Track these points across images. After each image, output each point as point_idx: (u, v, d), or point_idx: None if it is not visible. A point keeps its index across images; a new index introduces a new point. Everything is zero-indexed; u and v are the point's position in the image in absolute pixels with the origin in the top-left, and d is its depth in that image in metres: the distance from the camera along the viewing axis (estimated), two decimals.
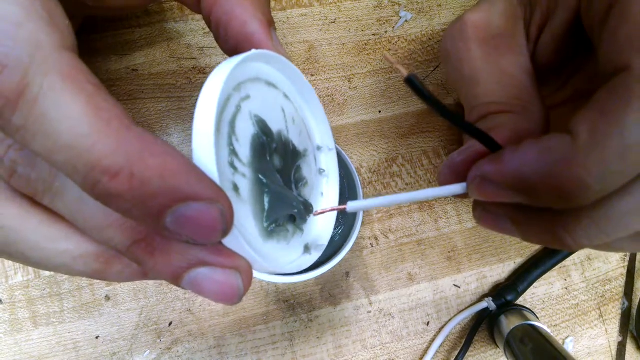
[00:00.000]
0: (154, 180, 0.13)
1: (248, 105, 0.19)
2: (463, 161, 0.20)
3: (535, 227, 0.19)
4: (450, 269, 0.37)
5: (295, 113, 0.24)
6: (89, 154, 0.13)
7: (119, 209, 0.14)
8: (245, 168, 0.19)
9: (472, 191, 0.19)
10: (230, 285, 0.16)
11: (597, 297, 0.39)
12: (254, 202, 0.19)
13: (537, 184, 0.16)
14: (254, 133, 0.20)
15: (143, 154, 0.13)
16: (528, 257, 0.38)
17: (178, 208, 0.14)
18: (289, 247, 0.21)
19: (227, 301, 0.16)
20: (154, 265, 0.16)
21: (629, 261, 0.40)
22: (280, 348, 0.34)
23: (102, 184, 0.13)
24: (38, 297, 0.31)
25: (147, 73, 0.34)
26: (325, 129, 0.26)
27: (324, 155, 0.26)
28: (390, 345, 0.35)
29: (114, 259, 0.18)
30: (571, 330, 0.38)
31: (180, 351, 0.32)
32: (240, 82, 0.19)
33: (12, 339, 0.31)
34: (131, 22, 0.34)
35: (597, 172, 0.15)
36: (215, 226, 0.14)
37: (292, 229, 0.22)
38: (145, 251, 0.16)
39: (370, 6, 0.38)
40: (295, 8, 0.37)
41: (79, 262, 0.18)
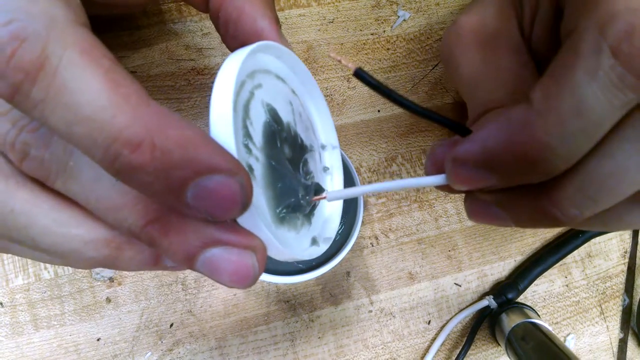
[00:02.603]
0: (175, 151, 0.13)
1: (260, 93, 0.20)
2: (443, 152, 0.20)
3: (524, 208, 0.19)
4: (451, 268, 0.37)
5: (302, 109, 0.24)
6: (110, 126, 0.13)
7: (140, 183, 0.14)
8: (259, 152, 0.19)
9: (448, 177, 0.19)
10: (246, 265, 0.16)
11: (598, 294, 0.39)
12: (267, 186, 0.19)
13: (502, 154, 0.16)
14: (266, 120, 0.20)
15: (163, 126, 0.13)
16: (528, 255, 0.38)
17: (200, 180, 0.14)
18: (299, 236, 0.22)
19: (241, 282, 0.16)
20: (168, 246, 0.16)
21: (630, 258, 0.40)
22: (282, 348, 0.34)
23: (123, 156, 0.13)
24: (39, 300, 0.31)
25: (145, 75, 0.34)
26: (330, 128, 0.26)
27: (328, 153, 0.27)
28: (391, 344, 0.35)
29: (125, 244, 0.18)
30: (572, 327, 0.38)
31: (181, 352, 0.32)
32: (254, 70, 0.20)
33: (13, 342, 0.31)
34: (129, 24, 0.34)
35: (556, 132, 0.15)
36: (236, 199, 0.14)
37: (301, 219, 0.22)
38: (159, 231, 0.16)
39: (368, 6, 0.38)
40: (293, 8, 0.37)
41: (89, 247, 0.17)
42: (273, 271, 0.31)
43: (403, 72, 0.38)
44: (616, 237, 0.40)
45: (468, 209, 0.21)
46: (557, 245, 0.38)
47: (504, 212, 0.19)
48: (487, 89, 0.22)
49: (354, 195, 0.23)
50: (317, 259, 0.32)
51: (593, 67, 0.14)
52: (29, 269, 0.32)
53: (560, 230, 0.39)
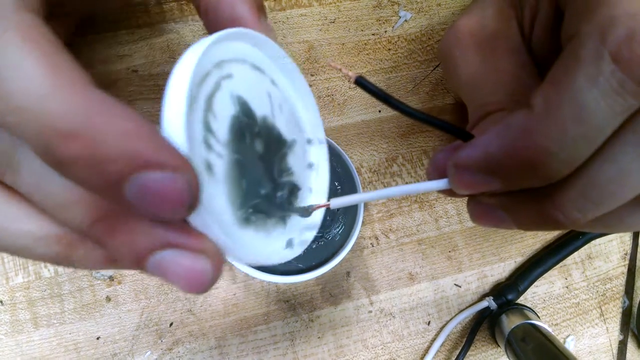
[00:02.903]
0: (111, 143, 0.12)
1: (230, 84, 0.19)
2: (445, 157, 0.20)
3: (527, 211, 0.19)
4: (451, 268, 0.37)
5: (284, 101, 0.23)
6: (42, 116, 0.12)
7: (75, 176, 0.13)
8: (222, 148, 0.18)
9: (451, 182, 0.19)
10: (198, 270, 0.15)
11: (598, 295, 0.39)
12: (230, 185, 0.18)
13: (504, 160, 0.16)
14: (234, 114, 0.19)
15: (100, 116, 0.13)
16: (529, 256, 0.38)
17: (139, 176, 0.13)
18: (270, 238, 0.20)
19: (194, 288, 0.15)
20: (116, 246, 0.15)
21: (630, 259, 0.40)
22: (281, 348, 0.34)
23: (56, 147, 0.12)
24: (39, 298, 0.31)
25: (147, 74, 0.34)
26: (316, 121, 0.25)
27: (314, 148, 0.25)
28: (391, 344, 0.35)
29: (77, 242, 0.17)
30: (572, 329, 0.38)
31: (181, 352, 0.32)
32: (222, 60, 0.19)
33: (13, 340, 0.31)
34: (131, 23, 0.34)
35: (557, 138, 0.15)
36: (180, 198, 0.13)
37: (273, 220, 0.21)
38: (106, 231, 0.15)
39: (369, 6, 0.38)
40: (295, 8, 0.37)
41: (40, 244, 0.17)
42: (273, 271, 0.31)
43: (404, 73, 0.38)
44: (616, 238, 0.40)
45: (471, 212, 0.21)
46: (557, 247, 0.38)
47: (507, 215, 0.19)
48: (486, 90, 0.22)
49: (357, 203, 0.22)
50: (317, 259, 0.32)
51: (594, 73, 0.14)
52: (29, 267, 0.32)
53: (561, 232, 0.39)
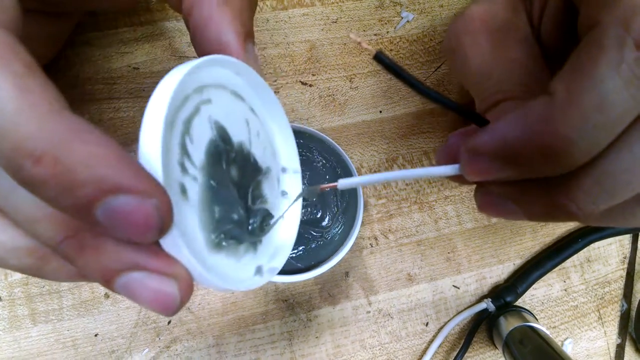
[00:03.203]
0: (80, 167, 0.12)
1: (208, 109, 0.19)
2: (457, 142, 0.20)
3: (538, 201, 0.18)
4: (450, 270, 0.37)
5: (261, 129, 0.23)
6: (11, 135, 0.12)
7: (45, 197, 0.13)
8: (197, 172, 0.18)
9: (464, 168, 0.19)
10: (165, 294, 0.15)
11: (596, 299, 0.39)
12: (203, 209, 0.18)
13: (522, 147, 0.16)
14: (211, 138, 0.19)
15: (70, 140, 0.13)
16: (528, 259, 0.38)
17: (107, 200, 0.13)
18: (239, 265, 0.20)
19: (161, 311, 0.15)
20: (84, 264, 0.15)
21: (629, 263, 0.40)
22: (279, 347, 0.34)
23: (25, 168, 0.12)
24: (37, 295, 0.31)
25: (148, 71, 0.34)
26: (292, 151, 0.25)
27: (287, 177, 0.25)
28: (389, 345, 0.35)
29: (50, 255, 0.17)
30: (570, 332, 0.38)
31: (179, 349, 0.32)
32: (203, 85, 0.19)
33: (11, 336, 0.31)
34: (132, 20, 0.34)
35: (577, 125, 0.15)
36: (149, 223, 0.13)
37: (244, 246, 0.21)
38: (75, 248, 0.15)
39: (371, 6, 0.38)
40: (297, 7, 0.37)
41: (11, 255, 0.17)
42: None
43: None
44: (615, 242, 0.40)
45: (479, 201, 0.21)
46: (556, 250, 0.38)
47: (517, 206, 0.19)
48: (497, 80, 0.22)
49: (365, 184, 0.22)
50: (316, 259, 0.32)
51: (617, 61, 0.14)
52: None
53: (560, 234, 0.39)
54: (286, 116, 0.24)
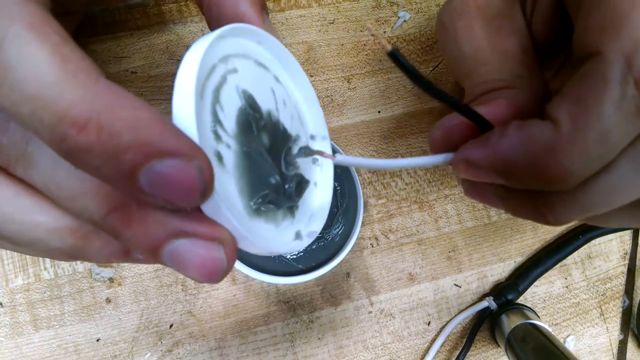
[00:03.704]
0: (124, 132, 0.13)
1: (235, 78, 0.19)
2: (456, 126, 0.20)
3: (519, 203, 0.19)
4: (451, 269, 0.37)
5: (287, 97, 0.23)
6: (55, 104, 0.12)
7: (90, 167, 0.13)
8: (230, 139, 0.18)
9: (458, 171, 0.19)
10: (213, 259, 0.15)
11: (598, 295, 0.39)
12: (239, 176, 0.18)
13: (521, 171, 0.17)
14: (241, 106, 0.19)
15: (112, 106, 0.13)
16: (528, 256, 0.38)
17: (152, 164, 0.13)
18: (279, 230, 0.20)
19: (209, 277, 0.15)
20: (131, 236, 0.15)
21: (630, 259, 0.40)
22: (281, 349, 0.34)
23: (69, 137, 0.12)
24: (38, 300, 0.31)
25: (146, 75, 0.34)
26: (319, 117, 0.25)
27: (317, 144, 0.25)
28: (391, 345, 0.35)
29: (92, 234, 0.17)
30: (572, 328, 0.38)
31: (181, 353, 0.32)
32: (228, 55, 0.19)
33: (13, 342, 0.31)
34: (130, 24, 0.34)
35: (578, 159, 0.15)
36: (193, 185, 0.13)
37: (282, 211, 0.21)
38: (121, 221, 0.15)
39: (368, 6, 0.38)
40: (294, 9, 0.37)
41: (54, 236, 0.17)
42: (273, 272, 0.31)
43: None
44: (616, 238, 0.40)
45: (465, 187, 0.22)
46: (557, 247, 0.38)
47: (500, 201, 0.20)
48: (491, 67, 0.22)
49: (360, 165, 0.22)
50: (317, 260, 0.32)
51: (619, 98, 0.15)
52: (28, 269, 0.32)
53: (561, 232, 0.39)
54: (310, 83, 0.24)
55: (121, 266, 0.32)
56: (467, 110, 0.18)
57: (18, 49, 0.12)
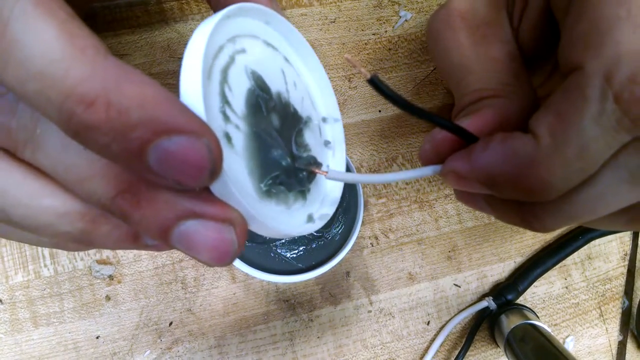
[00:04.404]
0: (132, 109, 0.12)
1: (243, 58, 0.19)
2: (443, 138, 0.20)
3: (507, 211, 0.20)
4: (451, 269, 0.37)
5: (298, 78, 0.23)
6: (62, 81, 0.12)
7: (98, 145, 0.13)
8: (239, 120, 0.18)
9: (446, 182, 0.20)
10: (223, 240, 0.15)
11: (598, 296, 0.39)
12: (249, 157, 0.18)
13: (503, 183, 0.17)
14: (250, 87, 0.19)
15: (120, 82, 0.13)
16: (528, 257, 0.38)
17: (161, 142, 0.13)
18: (290, 212, 0.20)
19: (220, 259, 0.15)
20: (140, 219, 0.15)
21: (629, 260, 0.40)
22: (281, 348, 0.34)
23: (77, 114, 0.12)
24: (38, 297, 0.31)
25: (147, 73, 0.34)
26: (331, 99, 0.25)
27: (329, 126, 0.25)
28: (390, 344, 0.35)
29: (101, 218, 0.17)
30: (571, 329, 0.38)
31: (180, 351, 0.32)
32: (236, 35, 0.19)
33: (13, 339, 0.31)
34: (131, 22, 0.34)
35: (558, 172, 0.16)
36: (202, 163, 0.13)
37: (293, 194, 0.21)
38: (130, 202, 0.15)
39: (370, 6, 0.38)
40: (295, 8, 0.37)
41: (63, 220, 0.17)
42: (272, 270, 0.31)
43: (404, 73, 0.38)
44: (616, 239, 0.40)
45: (456, 193, 0.23)
46: (557, 247, 0.38)
47: (489, 207, 0.21)
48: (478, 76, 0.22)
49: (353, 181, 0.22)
50: (317, 259, 0.32)
51: (598, 113, 0.15)
52: (28, 266, 0.32)
53: (561, 233, 0.39)
54: (321, 65, 0.24)
55: (121, 264, 0.32)
56: (451, 126, 0.19)
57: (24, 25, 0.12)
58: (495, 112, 0.20)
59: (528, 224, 0.19)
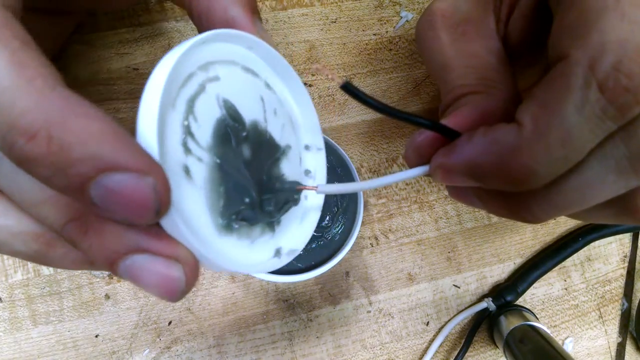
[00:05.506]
0: (74, 145, 0.12)
1: (216, 87, 0.18)
2: (424, 140, 0.20)
3: (498, 204, 0.20)
4: (450, 269, 0.37)
5: (279, 105, 0.22)
6: (7, 111, 0.12)
7: (40, 176, 0.13)
8: (203, 152, 0.17)
9: (434, 178, 0.20)
10: (170, 278, 0.15)
11: (597, 297, 0.39)
12: (210, 190, 0.17)
13: (489, 173, 0.17)
14: (219, 117, 0.18)
15: (64, 116, 0.12)
16: (528, 258, 0.38)
17: (102, 179, 0.12)
18: (254, 246, 0.20)
19: (166, 295, 0.15)
20: (88, 248, 0.15)
21: (629, 262, 0.40)
22: (280, 347, 0.34)
23: (19, 145, 0.12)
24: (37, 296, 0.31)
25: (147, 72, 0.34)
26: (315, 127, 0.24)
27: (311, 155, 0.24)
28: (389, 345, 0.35)
29: (56, 241, 0.17)
30: (571, 330, 0.38)
31: (179, 350, 0.32)
32: (209, 62, 0.18)
33: (12, 337, 0.31)
34: (132, 21, 0.34)
35: (542, 159, 0.16)
36: (145, 203, 0.13)
37: (259, 227, 0.20)
38: (79, 231, 0.15)
39: (371, 6, 0.38)
40: (296, 7, 0.37)
41: (18, 240, 0.17)
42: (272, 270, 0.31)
43: (405, 73, 0.38)
44: (616, 241, 0.40)
45: (449, 190, 0.23)
46: (556, 249, 0.38)
47: (480, 202, 0.21)
48: (457, 73, 0.22)
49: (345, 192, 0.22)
50: (317, 259, 0.32)
51: (581, 101, 0.15)
52: (28, 264, 0.32)
53: (560, 234, 0.39)
54: (306, 91, 0.23)
55: None
56: (432, 124, 0.19)
57: None
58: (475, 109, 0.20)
59: (517, 215, 0.19)
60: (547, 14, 0.21)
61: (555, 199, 0.18)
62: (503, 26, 0.23)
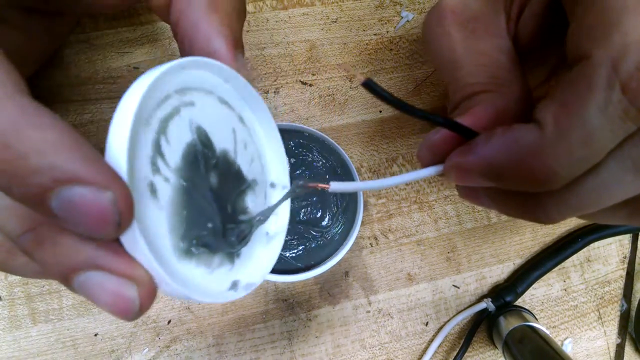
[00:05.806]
0: (32, 154, 0.12)
1: (190, 112, 0.18)
2: (440, 139, 0.20)
3: (512, 204, 0.20)
4: (450, 270, 0.37)
5: (250, 140, 0.22)
6: None
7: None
8: (171, 172, 0.17)
9: (449, 178, 0.20)
10: (123, 298, 0.14)
11: (596, 298, 0.39)
12: (174, 212, 0.17)
13: (508, 173, 0.17)
14: (190, 141, 0.18)
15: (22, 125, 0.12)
16: (527, 258, 0.38)
17: (62, 190, 0.12)
18: (211, 276, 0.19)
19: (119, 315, 0.15)
20: (41, 260, 0.15)
21: (629, 263, 0.40)
22: (279, 347, 0.34)
23: None
24: (37, 294, 0.31)
25: None
26: (283, 167, 0.24)
27: (276, 193, 0.24)
28: (388, 345, 0.35)
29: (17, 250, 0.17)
30: (570, 331, 0.38)
31: (179, 349, 0.32)
32: (186, 87, 0.18)
33: (11, 335, 0.31)
34: (133, 20, 0.34)
35: (563, 160, 0.16)
36: (104, 216, 0.13)
37: (219, 257, 0.20)
38: (34, 243, 0.15)
39: (371, 6, 0.38)
40: (297, 7, 0.37)
41: None
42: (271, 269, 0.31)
43: (405, 73, 0.38)
44: (615, 242, 0.40)
45: (459, 190, 0.23)
46: (556, 249, 0.38)
47: (493, 203, 0.21)
48: (467, 71, 0.22)
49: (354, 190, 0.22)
50: (316, 258, 0.32)
51: (604, 102, 0.15)
52: None
53: (560, 234, 0.39)
54: (278, 131, 0.23)
55: None
56: (449, 123, 0.19)
57: None
58: (488, 108, 0.20)
59: (533, 216, 0.19)
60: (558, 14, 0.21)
61: (572, 199, 0.17)
62: (513, 25, 0.23)
